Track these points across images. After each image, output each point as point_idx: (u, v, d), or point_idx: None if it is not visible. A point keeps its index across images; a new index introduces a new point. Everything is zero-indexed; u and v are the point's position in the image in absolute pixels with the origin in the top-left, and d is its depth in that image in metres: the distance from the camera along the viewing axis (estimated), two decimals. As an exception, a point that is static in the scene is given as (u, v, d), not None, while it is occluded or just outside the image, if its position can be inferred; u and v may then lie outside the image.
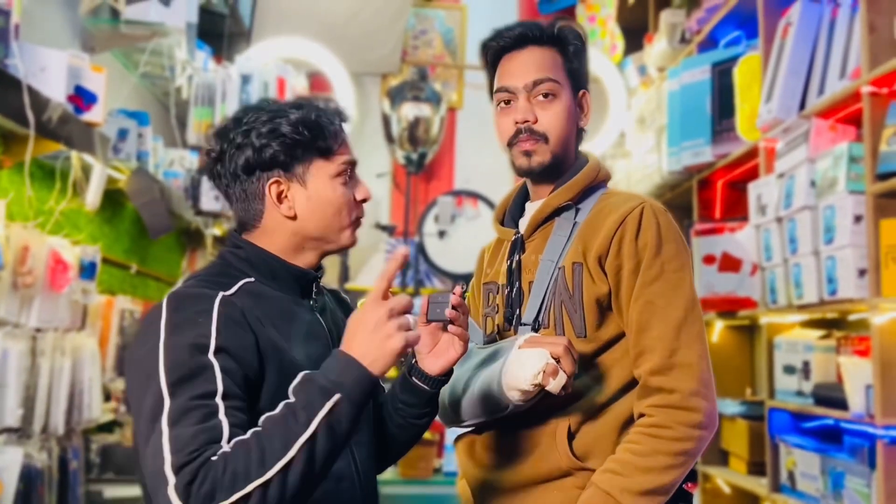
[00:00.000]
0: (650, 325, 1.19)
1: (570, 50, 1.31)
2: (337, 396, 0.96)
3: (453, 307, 1.17)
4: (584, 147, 1.39)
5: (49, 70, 2.18)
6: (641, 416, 1.18)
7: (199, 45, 3.39)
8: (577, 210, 1.30)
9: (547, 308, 1.25)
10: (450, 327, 1.18)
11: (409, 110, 4.66)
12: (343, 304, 1.34)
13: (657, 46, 3.72)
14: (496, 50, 1.33)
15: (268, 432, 0.95)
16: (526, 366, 1.13)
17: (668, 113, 3.37)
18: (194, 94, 3.30)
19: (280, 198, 1.14)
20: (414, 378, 1.22)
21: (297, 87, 3.59)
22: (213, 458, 0.92)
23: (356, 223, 1.20)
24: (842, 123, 2.38)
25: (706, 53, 3.22)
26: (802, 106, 2.51)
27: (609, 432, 1.21)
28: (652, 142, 3.63)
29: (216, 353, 1.00)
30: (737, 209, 3.19)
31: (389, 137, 4.76)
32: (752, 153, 2.84)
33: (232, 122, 1.15)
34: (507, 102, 1.31)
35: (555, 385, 1.12)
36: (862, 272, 2.12)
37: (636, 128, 3.91)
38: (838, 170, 2.21)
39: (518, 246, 1.32)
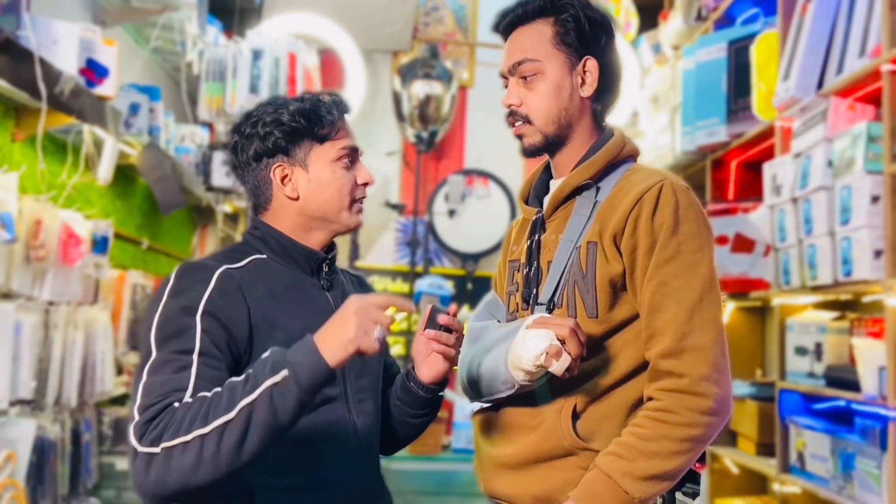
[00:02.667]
0: (663, 307, 1.16)
1: (561, 17, 1.26)
2: (285, 373, 1.03)
3: (445, 326, 1.22)
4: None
5: (61, 43, 2.17)
6: (650, 399, 1.16)
7: (210, 20, 3.37)
8: (598, 189, 1.27)
9: (562, 288, 1.23)
10: (434, 345, 1.23)
11: (420, 88, 4.63)
12: (364, 288, 1.43)
13: (672, 24, 3.68)
14: (501, 34, 1.34)
15: (221, 393, 1.04)
16: (529, 347, 1.13)
17: (683, 92, 3.33)
18: (205, 69, 3.28)
19: (284, 181, 1.25)
20: (409, 381, 1.32)
21: (309, 63, 3.57)
22: (175, 404, 1.03)
23: (357, 204, 1.29)
24: (861, 102, 2.34)
25: (723, 31, 3.18)
26: (820, 84, 2.47)
27: (615, 414, 1.20)
28: (665, 121, 3.59)
29: (202, 315, 1.11)
30: (750, 190, 3.16)
31: (400, 115, 4.73)
32: (767, 133, 2.81)
33: (243, 117, 1.28)
34: (507, 87, 1.32)
35: (558, 367, 1.11)
36: (878, 253, 2.10)
37: (650, 107, 3.87)
38: (856, 149, 2.18)
39: (538, 225, 1.31)
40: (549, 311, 1.23)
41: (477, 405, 1.35)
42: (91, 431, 2.62)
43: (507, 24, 1.31)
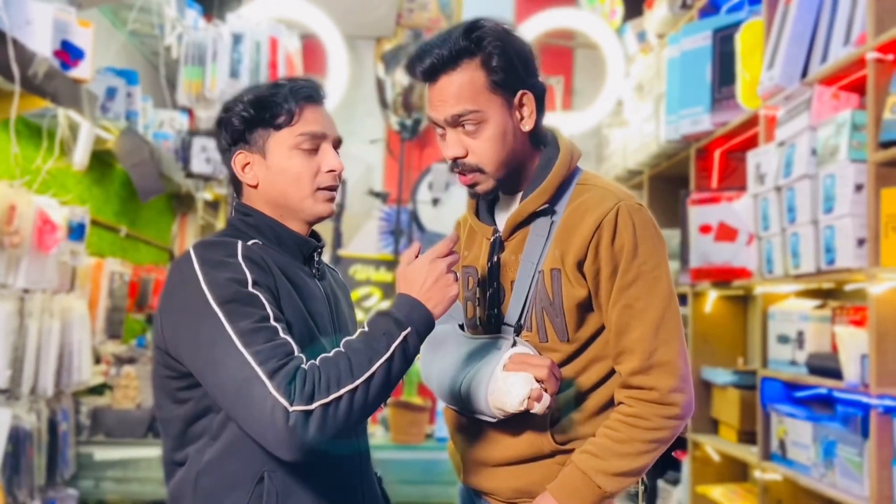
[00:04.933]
0: (629, 328, 1.23)
1: (490, 58, 1.22)
2: (409, 329, 1.15)
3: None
4: (578, 117, 1.35)
5: (35, 23, 2.12)
6: (621, 404, 1.25)
7: (189, 3, 3.31)
8: (554, 211, 1.29)
9: (528, 311, 1.28)
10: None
11: (404, 75, 4.59)
12: (340, 280, 1.44)
13: (657, 12, 3.66)
14: (420, 77, 1.26)
15: (353, 351, 1.12)
16: (512, 393, 1.19)
17: (668, 80, 3.32)
18: (184, 53, 3.22)
19: (244, 168, 1.26)
20: None
21: (290, 48, 3.52)
22: (304, 366, 1.08)
23: (324, 192, 1.26)
24: (845, 91, 2.34)
25: (707, 19, 3.17)
26: (805, 73, 2.47)
27: (587, 418, 1.29)
28: (650, 110, 3.58)
29: (254, 285, 1.13)
30: (734, 179, 3.16)
31: (383, 103, 4.69)
32: (752, 121, 2.81)
33: (222, 106, 1.30)
34: (442, 132, 1.27)
35: (540, 408, 1.19)
36: (861, 241, 2.10)
37: (634, 96, 3.86)
38: (840, 138, 2.18)
39: (497, 246, 1.33)
40: (517, 332, 1.28)
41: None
42: (68, 421, 2.58)
43: (427, 70, 1.23)
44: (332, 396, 1.07)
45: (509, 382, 1.19)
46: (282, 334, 1.10)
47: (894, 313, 2.03)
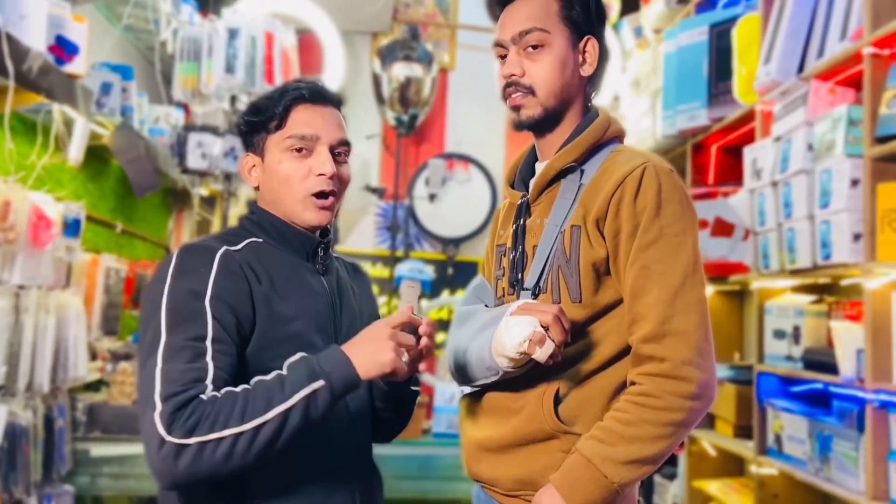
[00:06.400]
0: (645, 291, 1.14)
1: None
2: (321, 382, 1.08)
3: (415, 331, 1.15)
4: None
5: (29, 18, 2.10)
6: (633, 384, 1.16)
7: (185, -2, 3.30)
8: (583, 171, 1.25)
9: (547, 273, 1.22)
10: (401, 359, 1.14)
11: (401, 70, 4.58)
12: (359, 275, 1.43)
13: (654, 7, 3.66)
14: (496, 4, 1.30)
15: (255, 392, 1.06)
16: (512, 334, 1.11)
17: (664, 75, 3.32)
18: (180, 48, 3.21)
19: (250, 171, 1.30)
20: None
21: (286, 43, 3.51)
22: (203, 396, 1.04)
23: (316, 199, 1.24)
24: (841, 86, 2.34)
25: (704, 14, 3.17)
26: (801, 68, 2.47)
27: (597, 398, 1.19)
28: (647, 105, 3.58)
29: (211, 300, 1.12)
30: (731, 174, 3.17)
31: (380, 98, 4.68)
32: (748, 117, 2.81)
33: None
34: (503, 58, 1.28)
35: (541, 354, 1.09)
36: (857, 237, 2.10)
37: (631, 91, 3.86)
38: (836, 133, 2.19)
39: (523, 210, 1.29)
40: (535, 296, 1.22)
41: (467, 389, 1.34)
42: (64, 417, 2.57)
43: None
44: (212, 436, 1.02)
45: (511, 324, 1.11)
46: (207, 357, 1.07)
47: (890, 308, 2.04)
